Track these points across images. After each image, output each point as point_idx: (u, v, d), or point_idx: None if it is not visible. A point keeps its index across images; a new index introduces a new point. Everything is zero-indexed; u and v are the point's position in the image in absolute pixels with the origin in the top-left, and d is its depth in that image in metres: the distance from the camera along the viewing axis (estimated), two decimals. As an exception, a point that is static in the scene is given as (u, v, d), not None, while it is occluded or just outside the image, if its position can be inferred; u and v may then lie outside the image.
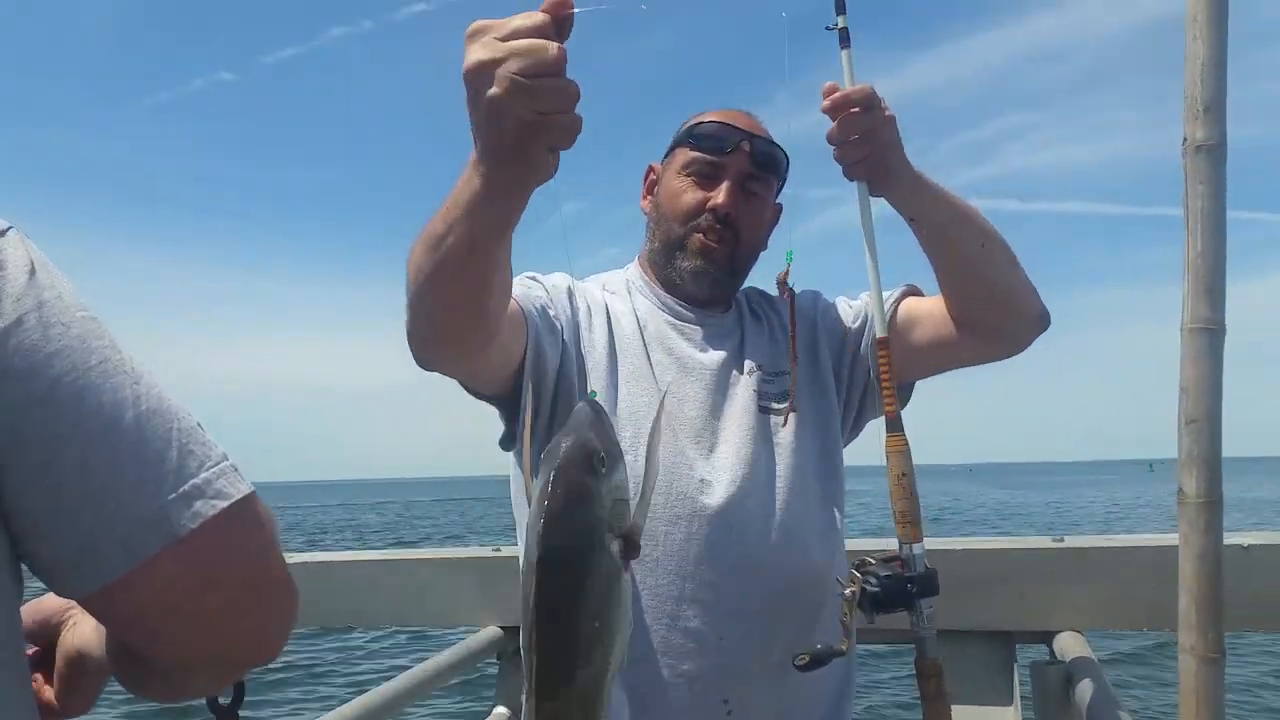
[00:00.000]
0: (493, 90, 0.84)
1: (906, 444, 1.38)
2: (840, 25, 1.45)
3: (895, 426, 1.39)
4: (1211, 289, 0.81)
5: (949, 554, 2.06)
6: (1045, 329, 1.51)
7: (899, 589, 1.31)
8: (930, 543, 2.08)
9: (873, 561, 1.35)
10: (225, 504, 0.63)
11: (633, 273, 1.60)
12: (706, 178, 1.47)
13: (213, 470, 0.64)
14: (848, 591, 1.32)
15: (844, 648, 1.30)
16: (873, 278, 1.44)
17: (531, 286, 1.44)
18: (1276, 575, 1.87)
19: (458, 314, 1.15)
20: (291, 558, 2.55)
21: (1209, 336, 0.81)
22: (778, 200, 1.57)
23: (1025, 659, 2.02)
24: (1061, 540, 2.05)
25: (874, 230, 1.45)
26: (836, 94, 1.35)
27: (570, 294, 1.48)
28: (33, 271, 0.63)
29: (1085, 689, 1.66)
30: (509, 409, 1.41)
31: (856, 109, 1.35)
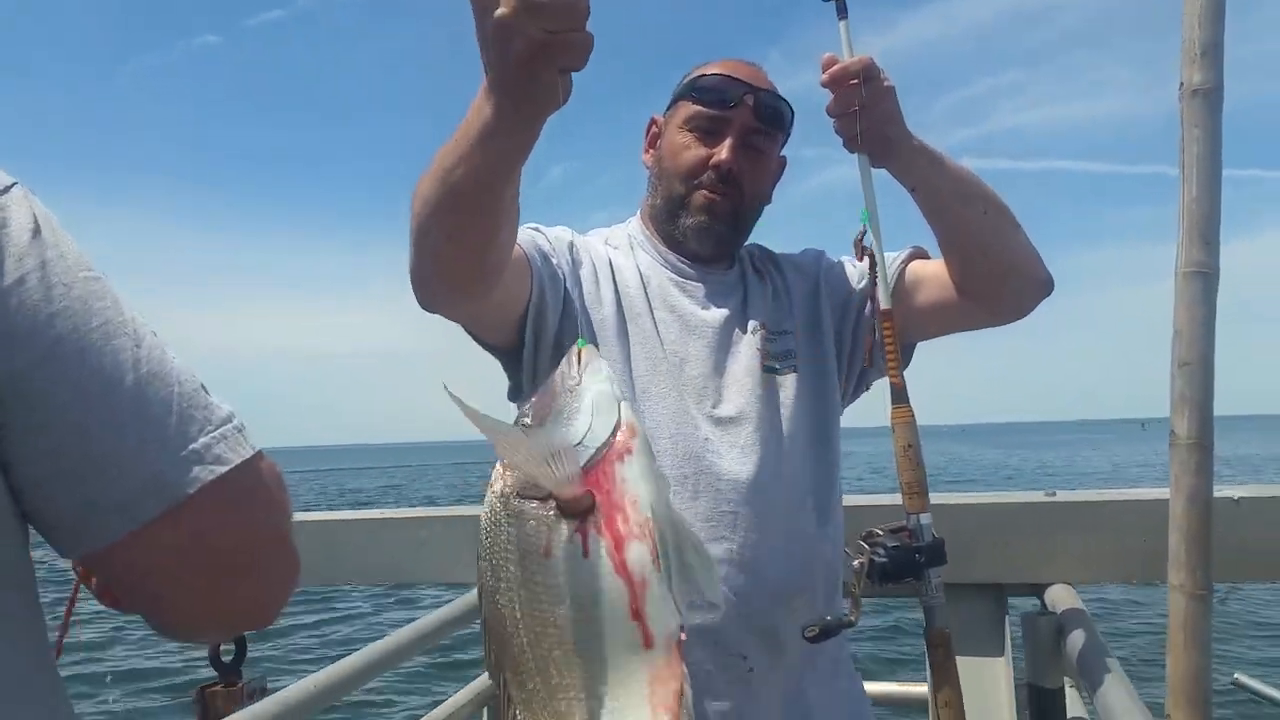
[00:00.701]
0: (500, 11, 0.82)
1: (912, 415, 1.38)
2: None
3: (901, 398, 1.39)
4: (1206, 233, 0.81)
5: (942, 509, 2.07)
6: (1048, 295, 1.50)
7: (907, 559, 1.32)
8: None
9: (880, 532, 1.35)
10: (224, 469, 0.63)
11: (634, 228, 1.58)
12: (709, 133, 1.45)
13: (214, 434, 0.64)
14: (856, 563, 1.32)
15: (853, 618, 1.31)
16: (877, 250, 1.43)
17: (534, 236, 1.42)
18: (1266, 527, 1.90)
19: (463, 251, 1.13)
20: (297, 516, 2.58)
21: (1203, 280, 0.82)
22: (782, 153, 1.55)
23: (1017, 612, 2.05)
24: (1053, 494, 2.07)
25: (876, 200, 1.44)
26: (835, 66, 1.34)
27: (572, 247, 1.47)
28: (36, 230, 0.62)
29: (1076, 639, 1.68)
30: (512, 360, 1.41)
31: (856, 80, 1.33)
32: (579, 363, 1.00)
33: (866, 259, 1.43)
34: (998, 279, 1.45)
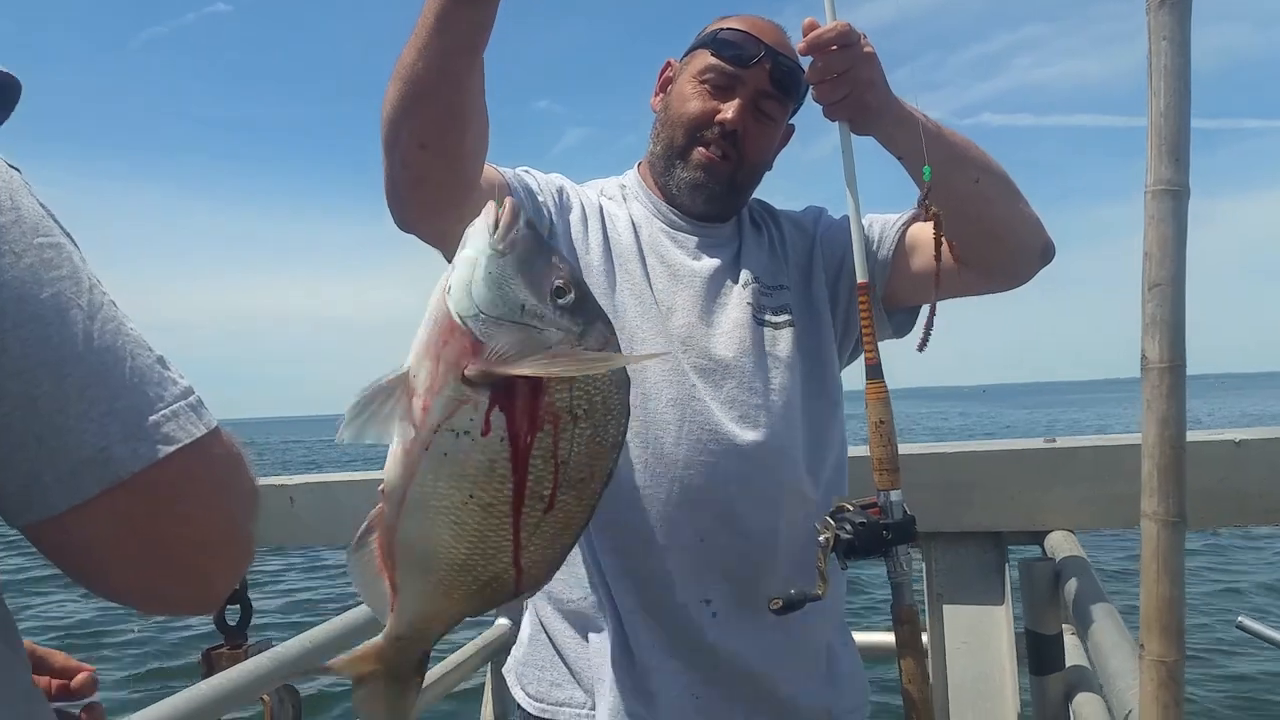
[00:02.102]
0: None
1: (886, 391, 1.38)
2: None
3: (875, 374, 1.38)
4: (1175, 149, 0.79)
5: (943, 457, 2.08)
6: (1047, 263, 1.49)
7: (874, 536, 1.32)
8: (923, 446, 2.11)
9: (850, 507, 1.35)
10: (171, 448, 0.62)
11: (630, 179, 1.57)
12: (721, 88, 1.43)
13: (164, 412, 0.63)
14: (822, 538, 1.33)
15: (820, 592, 1.32)
16: (854, 221, 1.41)
17: (523, 175, 1.42)
18: (1268, 469, 1.88)
19: (431, 151, 1.13)
20: (294, 478, 2.59)
21: (1172, 198, 0.80)
22: (791, 120, 1.53)
23: (1017, 560, 2.04)
24: (1053, 441, 2.06)
25: (855, 169, 1.42)
26: (812, 33, 1.32)
27: (562, 191, 1.46)
28: None
29: (1073, 584, 1.68)
30: None
31: (834, 47, 1.31)
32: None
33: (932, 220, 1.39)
34: (991, 247, 1.43)
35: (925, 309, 1.45)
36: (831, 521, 1.34)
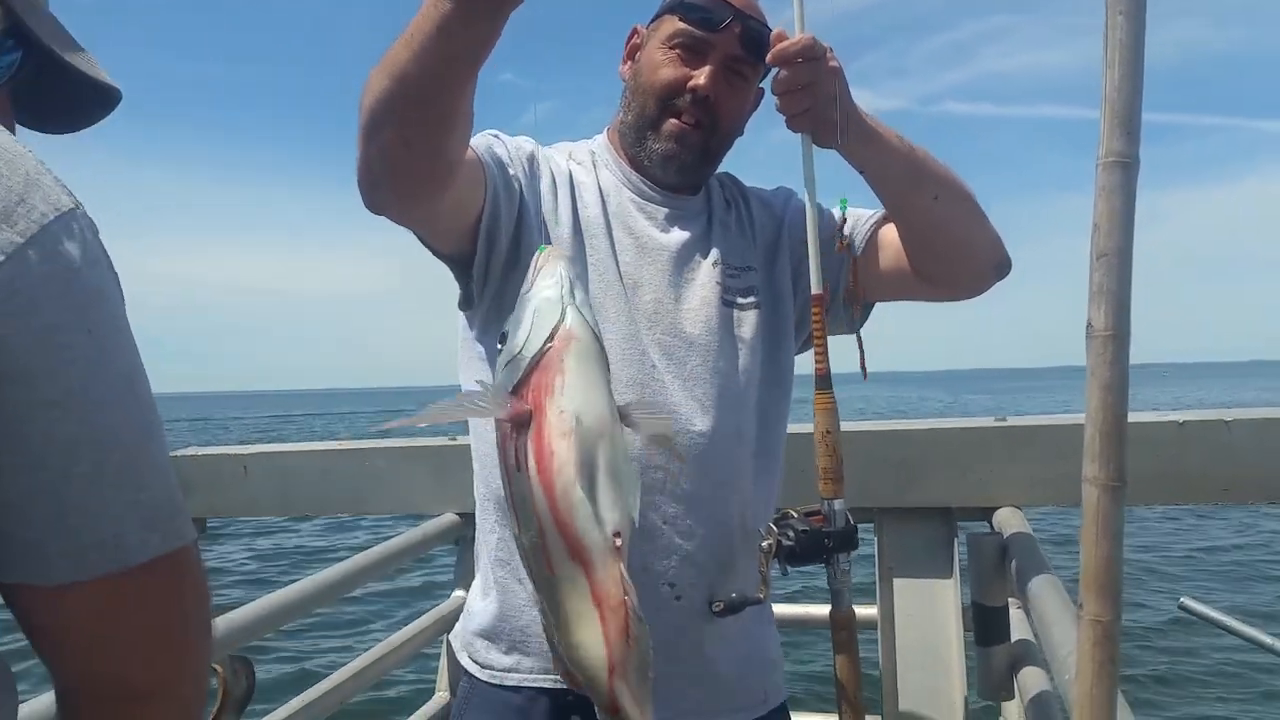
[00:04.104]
0: None
1: (834, 402, 1.40)
2: None
3: (825, 385, 1.40)
4: (1127, 122, 0.81)
5: (895, 434, 2.11)
6: (1002, 278, 1.51)
7: (816, 544, 1.35)
8: (876, 423, 2.14)
9: (794, 514, 1.37)
10: (179, 544, 0.65)
11: (599, 145, 1.54)
12: (691, 52, 1.40)
13: (180, 507, 0.66)
14: (764, 544, 1.35)
15: (761, 596, 1.35)
16: (811, 233, 1.42)
17: (493, 143, 1.38)
18: (1209, 449, 1.93)
19: (415, 151, 1.10)
20: (248, 448, 2.57)
21: (1122, 170, 0.81)
22: (761, 84, 1.50)
23: (966, 535, 2.09)
24: (1003, 420, 2.10)
25: (815, 179, 1.43)
26: (779, 45, 1.31)
27: (532, 159, 1.43)
28: (79, 270, 0.61)
29: (1018, 558, 1.72)
30: (463, 269, 1.38)
31: (800, 60, 1.31)
32: (535, 268, 0.99)
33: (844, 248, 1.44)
34: (948, 261, 1.44)
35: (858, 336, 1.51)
36: (775, 528, 1.36)
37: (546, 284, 0.94)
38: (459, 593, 2.40)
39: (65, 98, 0.76)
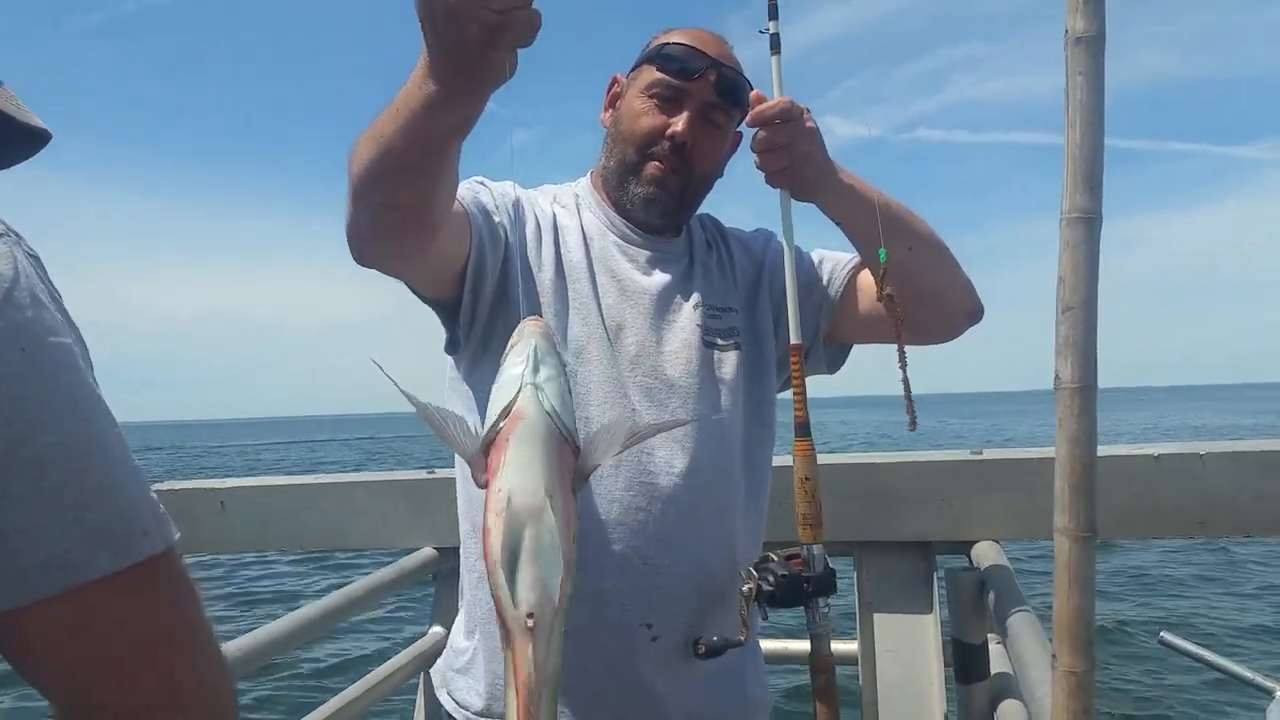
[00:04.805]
0: None
1: (813, 449, 1.42)
2: (772, 30, 1.44)
3: (804, 432, 1.42)
4: (1089, 179, 0.82)
5: (874, 467, 2.12)
6: (974, 324, 1.56)
7: (795, 588, 1.37)
8: (855, 456, 2.15)
9: (774, 559, 1.40)
10: (132, 560, 0.63)
11: (583, 188, 1.57)
12: (669, 101, 1.44)
13: (137, 521, 0.64)
14: (745, 588, 1.37)
15: (742, 638, 1.37)
16: (790, 288, 1.45)
17: (479, 191, 1.41)
18: (1184, 482, 1.95)
19: (402, 215, 1.13)
20: (226, 482, 2.55)
21: (1086, 225, 0.83)
22: (738, 129, 1.54)
23: (945, 569, 2.09)
24: (980, 453, 2.11)
25: (793, 233, 1.47)
26: (757, 107, 1.36)
27: (518, 204, 1.46)
28: (10, 290, 0.61)
29: (997, 594, 1.72)
30: (450, 315, 1.40)
31: (778, 121, 1.36)
32: (511, 343, 1.01)
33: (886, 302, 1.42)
34: (922, 310, 1.47)
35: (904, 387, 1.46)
36: (755, 572, 1.38)
37: (514, 360, 0.97)
38: (436, 628, 2.38)
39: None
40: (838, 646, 2.28)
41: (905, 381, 1.42)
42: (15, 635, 0.62)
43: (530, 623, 0.89)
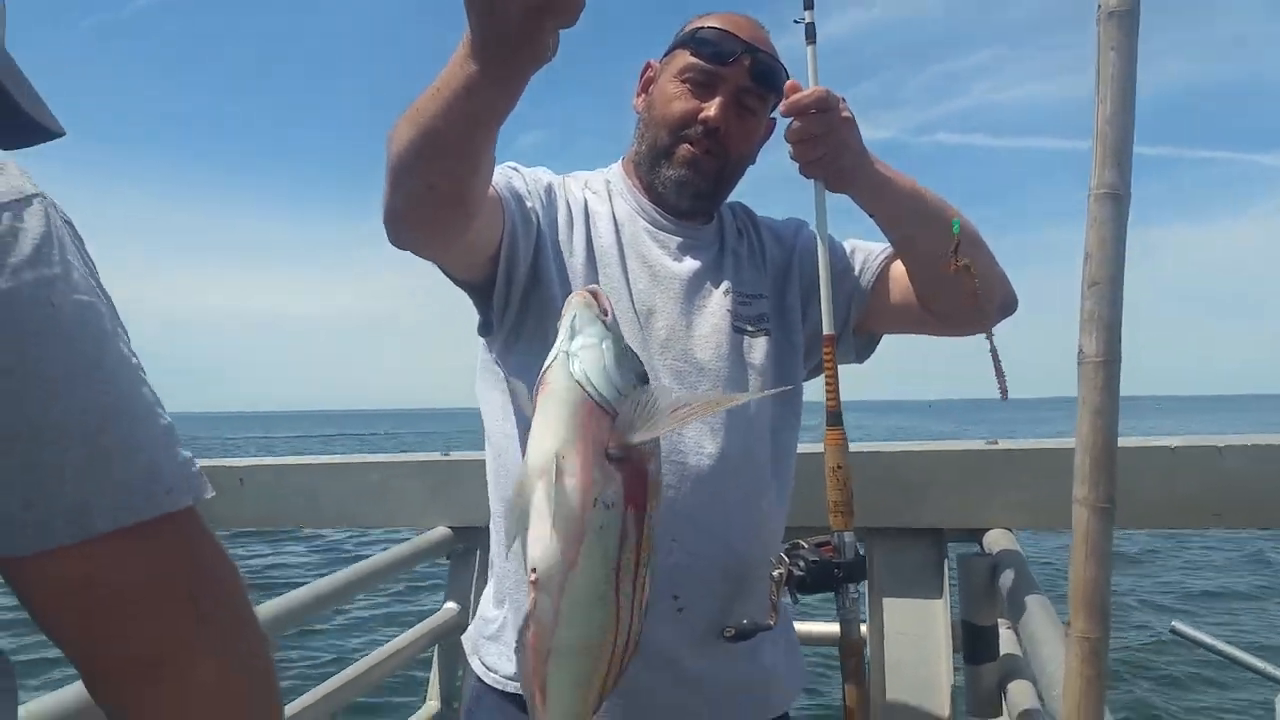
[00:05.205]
0: None
1: (844, 438, 1.44)
2: (807, 20, 1.45)
3: (835, 421, 1.44)
4: (1118, 154, 0.83)
5: (889, 455, 2.13)
6: (1007, 315, 1.56)
7: (826, 574, 1.39)
8: (870, 445, 2.16)
9: (805, 545, 1.41)
10: (159, 512, 0.64)
11: (614, 174, 1.58)
12: (702, 86, 1.44)
13: (162, 477, 0.65)
14: (776, 573, 1.39)
15: (771, 622, 1.38)
16: (824, 277, 1.46)
17: (511, 176, 1.42)
18: (1201, 474, 1.96)
19: (440, 196, 1.14)
20: (243, 461, 2.58)
21: (1113, 202, 0.84)
22: (772, 115, 1.55)
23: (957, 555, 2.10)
24: (995, 443, 2.12)
25: (827, 224, 1.48)
26: (793, 96, 1.36)
27: (550, 190, 1.47)
28: (42, 246, 0.62)
29: (1008, 578, 1.73)
30: (483, 298, 1.42)
31: (813, 111, 1.36)
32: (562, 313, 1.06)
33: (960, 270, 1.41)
34: (954, 301, 1.48)
35: (990, 353, 1.46)
36: (786, 557, 1.40)
37: (560, 330, 1.01)
38: (450, 604, 2.42)
39: (6, 130, 0.76)
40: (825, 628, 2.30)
41: (994, 351, 1.42)
42: (33, 582, 0.63)
43: (533, 576, 0.93)
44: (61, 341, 0.61)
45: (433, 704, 2.39)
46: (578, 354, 0.96)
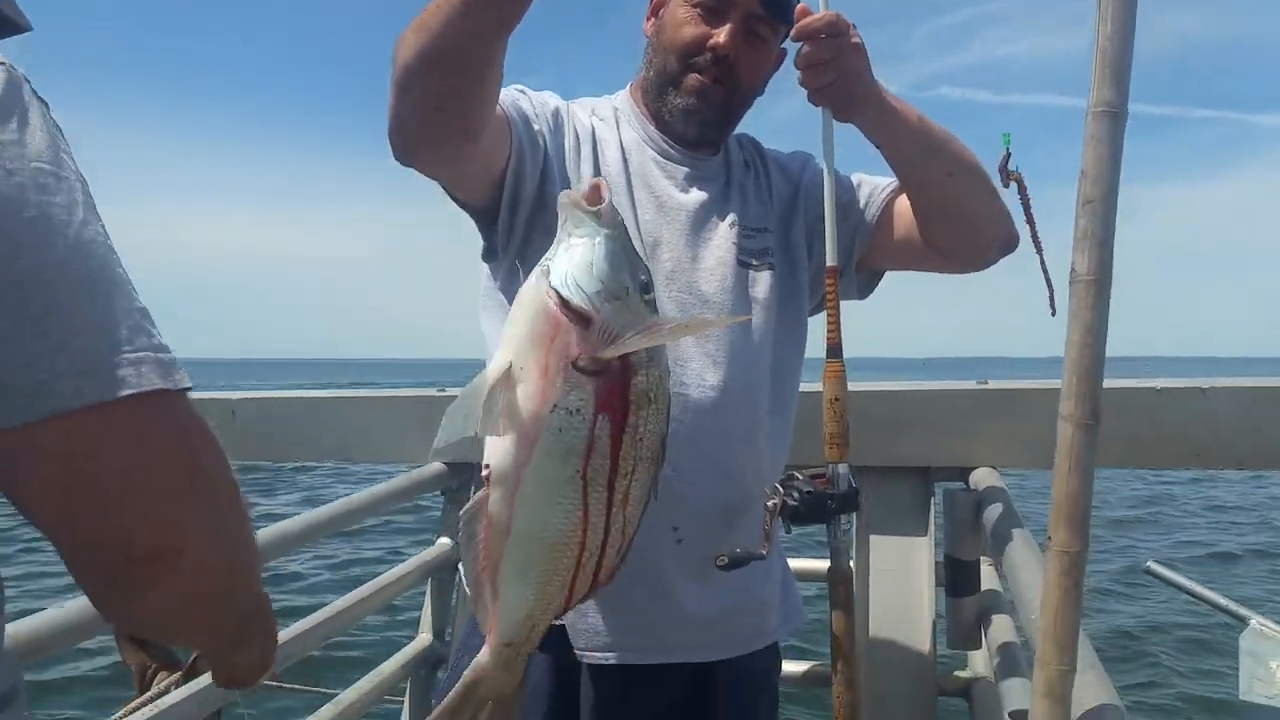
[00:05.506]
0: None
1: (843, 369, 1.44)
2: None
3: (835, 353, 1.44)
4: (1117, 72, 0.84)
5: (877, 394, 2.15)
6: (1008, 253, 1.55)
7: (819, 505, 1.40)
8: (860, 384, 2.18)
9: (799, 477, 1.42)
10: (122, 393, 0.60)
11: (622, 101, 1.56)
12: (712, 12, 1.42)
13: (127, 357, 0.61)
14: (770, 503, 1.40)
15: (764, 552, 1.40)
16: (829, 207, 1.45)
17: (518, 98, 1.41)
18: (1184, 414, 1.99)
19: (445, 109, 1.13)
20: (236, 394, 2.59)
21: (1110, 120, 0.85)
22: (783, 45, 1.52)
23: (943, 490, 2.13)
24: (985, 383, 2.14)
25: (834, 152, 1.46)
26: (803, 20, 1.34)
27: (557, 114, 1.46)
28: (23, 109, 0.60)
29: (993, 512, 1.77)
30: (487, 221, 1.41)
31: (823, 35, 1.34)
32: None
33: (1014, 183, 1.42)
34: (959, 236, 1.48)
35: (1046, 283, 1.44)
36: (780, 488, 1.41)
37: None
38: (445, 539, 2.44)
39: None
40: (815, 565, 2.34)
41: (1043, 264, 1.42)
42: (5, 463, 0.60)
43: (486, 472, 0.97)
44: (16, 207, 0.59)
45: (425, 637, 2.43)
46: (553, 261, 0.96)
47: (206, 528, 0.66)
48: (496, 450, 0.96)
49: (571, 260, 0.94)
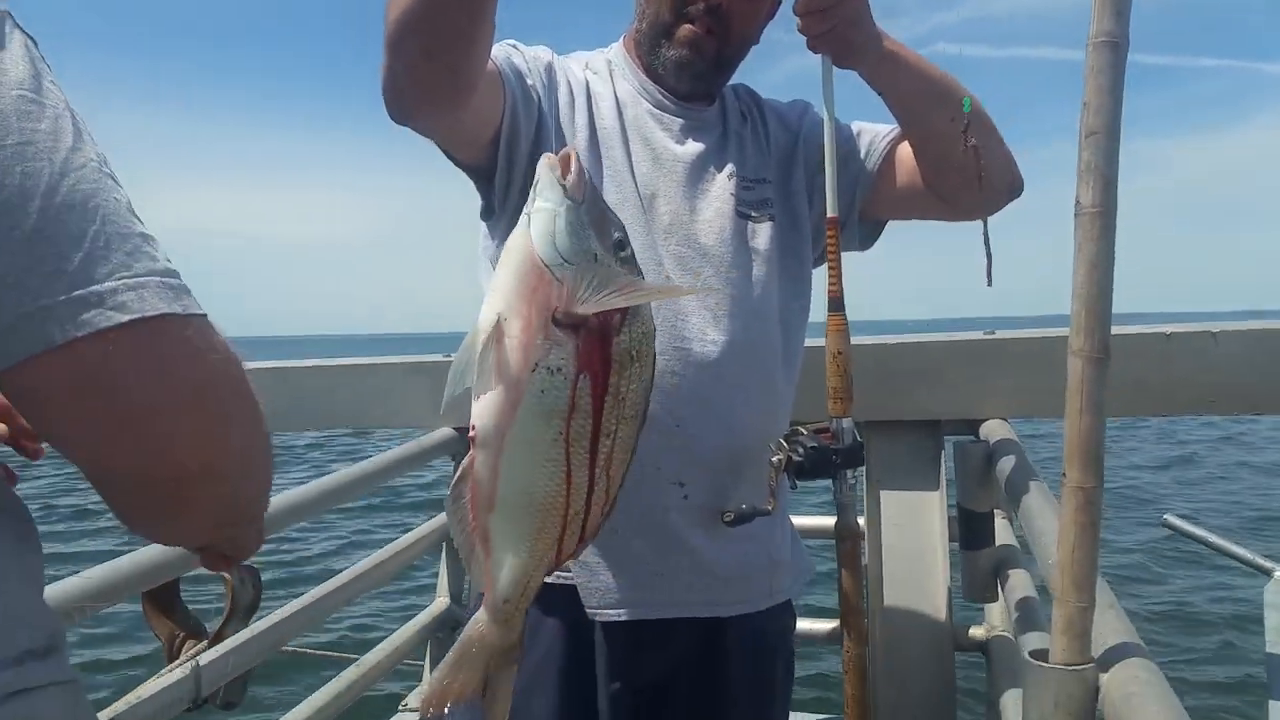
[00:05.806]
0: None
1: (846, 324, 1.43)
2: None
3: (837, 307, 1.43)
4: (1119, 2, 0.83)
5: (885, 347, 2.14)
6: (1014, 199, 1.53)
7: (824, 459, 1.40)
8: (865, 338, 2.17)
9: (804, 432, 1.42)
10: (124, 318, 0.58)
11: (615, 54, 1.55)
12: None
13: (125, 281, 0.59)
14: (775, 458, 1.40)
15: (769, 507, 1.40)
16: (829, 157, 1.43)
17: (511, 53, 1.40)
18: (1194, 359, 1.97)
19: (437, 64, 1.12)
20: (247, 365, 2.60)
21: (1111, 50, 0.84)
22: None
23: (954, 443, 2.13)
24: (993, 333, 2.13)
25: (834, 101, 1.44)
26: None
27: (550, 69, 1.44)
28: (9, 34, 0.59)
29: (1005, 464, 1.76)
30: (483, 178, 1.41)
31: None
32: None
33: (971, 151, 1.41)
34: (960, 181, 1.46)
35: (984, 245, 1.48)
36: (785, 443, 1.41)
37: (531, 192, 1.01)
38: (457, 505, 2.45)
39: None
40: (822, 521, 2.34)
41: (986, 236, 1.42)
42: (19, 392, 0.60)
43: (472, 433, 0.97)
44: (11, 130, 0.57)
45: (442, 600, 2.45)
46: (532, 215, 0.97)
47: (235, 448, 0.66)
48: (482, 412, 0.96)
49: (538, 224, 0.96)
